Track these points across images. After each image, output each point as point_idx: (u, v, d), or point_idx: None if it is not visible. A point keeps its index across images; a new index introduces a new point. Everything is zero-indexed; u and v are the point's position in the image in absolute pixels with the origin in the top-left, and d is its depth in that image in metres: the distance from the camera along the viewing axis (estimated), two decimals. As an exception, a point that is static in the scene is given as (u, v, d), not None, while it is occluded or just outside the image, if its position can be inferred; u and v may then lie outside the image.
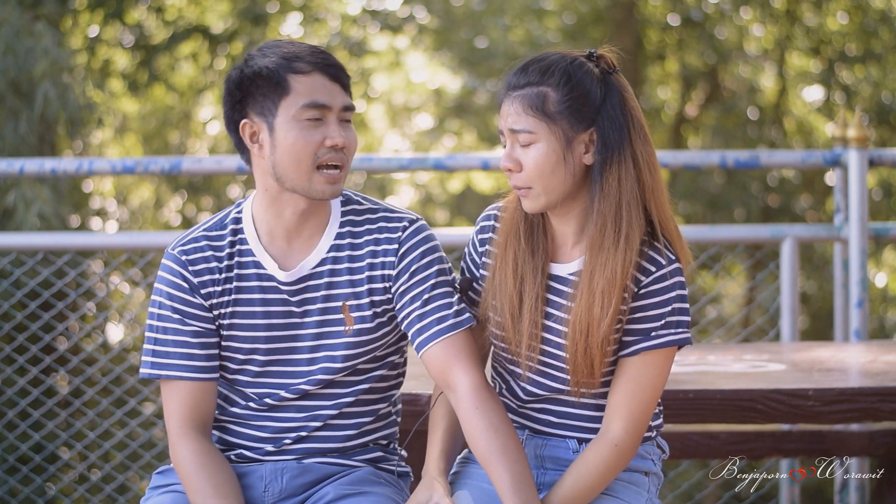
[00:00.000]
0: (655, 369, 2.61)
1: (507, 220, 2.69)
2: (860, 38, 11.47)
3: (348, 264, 2.69)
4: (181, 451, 2.66)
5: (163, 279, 2.71)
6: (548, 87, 2.57)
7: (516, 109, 2.58)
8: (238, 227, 2.72)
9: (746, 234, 5.02)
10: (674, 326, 2.60)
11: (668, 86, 12.74)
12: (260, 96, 2.62)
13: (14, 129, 7.23)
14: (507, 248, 2.67)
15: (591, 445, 2.62)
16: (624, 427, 2.60)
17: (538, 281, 2.63)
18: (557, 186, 2.58)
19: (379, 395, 2.76)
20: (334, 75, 2.63)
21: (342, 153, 2.63)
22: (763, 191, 11.47)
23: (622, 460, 2.61)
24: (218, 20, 10.86)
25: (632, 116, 2.61)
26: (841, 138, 4.81)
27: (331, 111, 2.62)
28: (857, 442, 4.18)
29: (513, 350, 2.66)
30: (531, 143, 2.57)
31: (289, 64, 2.61)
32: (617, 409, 2.61)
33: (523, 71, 2.60)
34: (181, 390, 2.68)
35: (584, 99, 2.57)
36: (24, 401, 5.21)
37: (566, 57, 2.60)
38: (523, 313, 2.63)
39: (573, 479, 2.60)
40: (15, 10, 7.45)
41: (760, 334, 5.57)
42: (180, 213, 10.91)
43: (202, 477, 2.63)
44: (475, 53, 11.61)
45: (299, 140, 2.60)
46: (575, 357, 2.59)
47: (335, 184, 2.63)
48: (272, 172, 2.64)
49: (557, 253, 2.67)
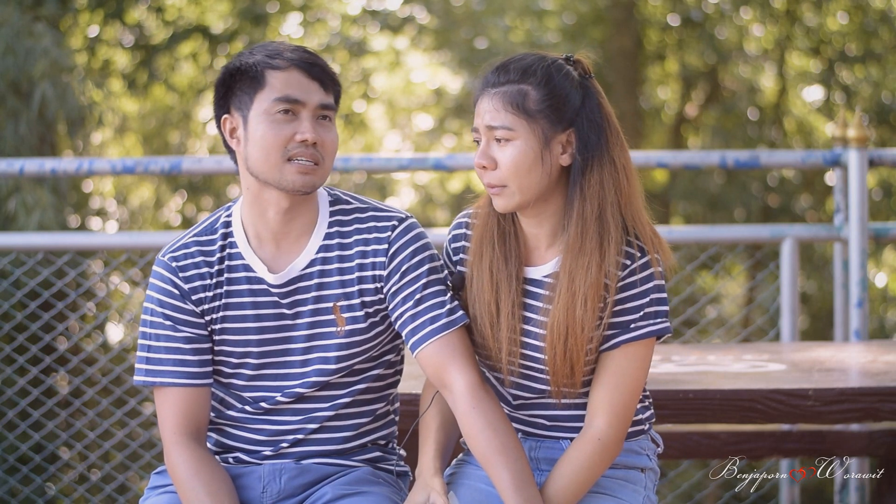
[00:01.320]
0: (636, 361, 2.61)
1: (479, 226, 2.68)
2: (860, 38, 11.47)
3: (338, 265, 2.69)
4: (176, 458, 2.66)
5: (154, 286, 2.71)
6: (528, 86, 2.56)
7: (495, 106, 2.57)
8: (228, 231, 2.71)
9: (746, 234, 5.02)
10: (652, 317, 2.60)
11: (668, 86, 12.74)
12: (239, 91, 2.64)
13: (14, 130, 7.24)
14: (482, 258, 2.66)
15: (575, 442, 2.62)
16: (607, 421, 2.59)
17: (514, 288, 2.63)
18: (533, 186, 2.57)
19: (376, 394, 2.76)
20: (313, 73, 2.63)
21: (315, 150, 2.61)
22: (763, 191, 11.47)
23: (607, 455, 2.60)
24: (218, 20, 10.86)
25: (609, 121, 2.61)
26: (841, 138, 4.81)
27: (304, 107, 2.61)
28: (857, 442, 4.18)
29: (493, 357, 2.65)
30: (509, 141, 2.56)
31: (269, 60, 2.62)
32: (599, 403, 2.60)
33: (503, 69, 2.59)
34: (175, 397, 2.68)
35: (563, 99, 2.57)
36: (24, 401, 5.20)
37: (545, 58, 2.60)
38: (501, 321, 2.62)
39: (558, 477, 2.60)
40: (15, 10, 7.46)
41: (760, 334, 5.57)
42: (180, 213, 10.91)
43: (197, 484, 2.63)
44: (475, 53, 11.60)
45: (269, 133, 2.60)
46: (554, 361, 2.59)
47: (307, 174, 2.61)
48: (247, 166, 2.65)
49: (531, 256, 2.67)
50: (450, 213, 13.43)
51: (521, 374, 2.66)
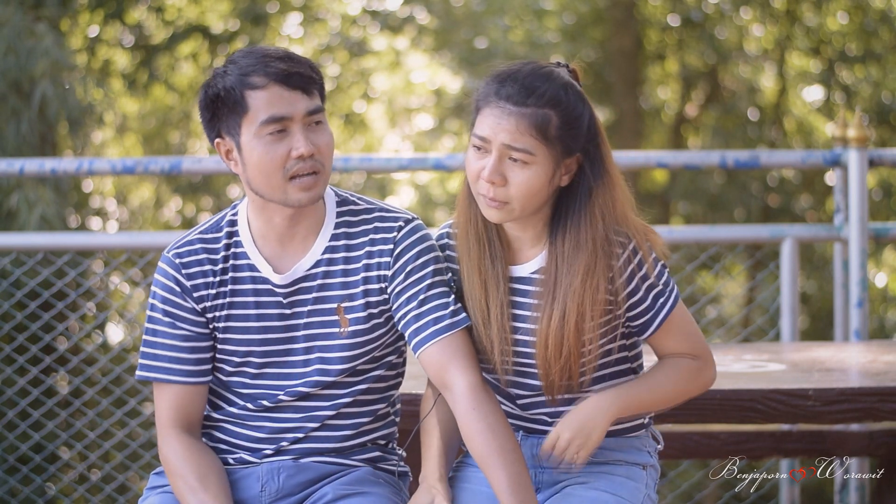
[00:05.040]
0: (683, 318, 2.65)
1: (462, 236, 2.68)
2: (860, 38, 11.47)
3: (343, 266, 2.68)
4: (167, 445, 2.68)
5: (157, 282, 2.71)
6: (552, 111, 2.55)
7: (518, 128, 2.54)
8: (233, 230, 2.71)
9: (746, 234, 5.02)
10: (670, 288, 2.62)
11: (668, 86, 12.74)
12: (224, 116, 2.61)
13: (16, 129, 7.24)
14: (469, 259, 2.66)
15: (666, 360, 2.66)
16: (695, 352, 2.66)
17: (501, 289, 2.64)
18: (534, 205, 2.59)
19: (377, 395, 2.76)
20: (293, 84, 2.59)
21: (314, 161, 2.60)
22: (763, 191, 11.47)
23: (704, 373, 2.64)
24: (218, 20, 10.86)
25: (602, 136, 2.62)
26: (841, 138, 4.81)
27: (293, 121, 2.59)
28: (857, 442, 4.18)
29: (487, 358, 2.66)
30: (526, 164, 2.55)
31: (244, 79, 2.58)
32: (680, 353, 2.66)
33: (528, 90, 2.55)
34: (170, 393, 2.70)
35: (579, 124, 2.57)
36: (24, 401, 5.20)
37: (560, 77, 2.58)
38: (491, 320, 2.63)
39: (651, 377, 2.64)
40: (17, 11, 7.46)
41: (760, 334, 5.56)
42: (180, 214, 10.91)
43: (187, 470, 2.64)
44: (475, 54, 11.60)
45: (265, 156, 2.58)
46: (547, 362, 2.60)
47: (310, 190, 2.60)
48: (250, 187, 2.64)
49: (515, 256, 2.68)
50: (450, 214, 13.43)
51: (516, 371, 2.67)
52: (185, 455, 2.66)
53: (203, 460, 2.66)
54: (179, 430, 2.69)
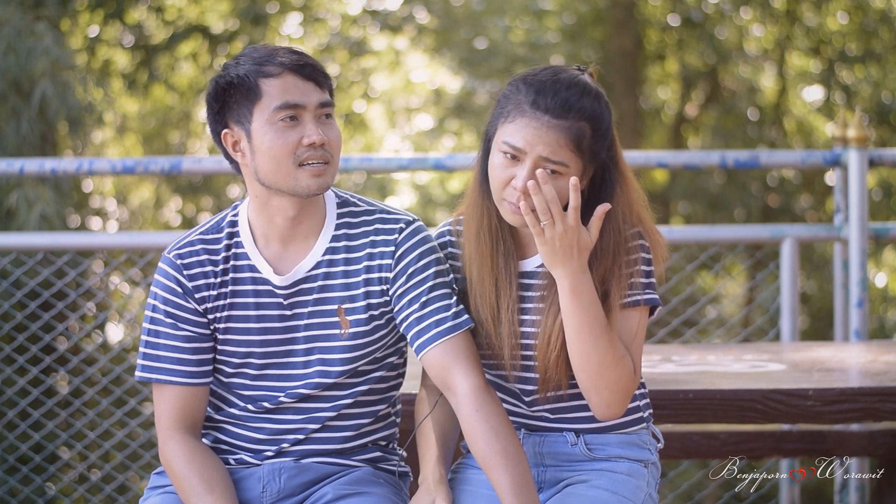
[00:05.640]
0: (635, 322, 2.61)
1: (473, 234, 2.68)
2: (860, 38, 11.46)
3: (344, 267, 2.69)
4: (170, 450, 2.67)
5: (158, 283, 2.71)
6: (587, 124, 2.56)
7: (558, 141, 2.54)
8: (234, 231, 2.71)
9: (746, 234, 5.02)
10: (646, 289, 2.61)
11: (668, 86, 12.73)
12: (235, 105, 2.62)
13: (16, 129, 7.24)
14: (482, 262, 2.66)
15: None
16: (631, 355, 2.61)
17: (513, 284, 2.65)
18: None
19: (378, 396, 2.76)
20: (307, 74, 2.62)
21: (324, 150, 2.61)
22: (763, 191, 11.47)
23: (628, 367, 2.57)
24: (218, 20, 10.86)
25: (616, 140, 2.64)
26: (841, 138, 4.81)
27: (305, 110, 2.61)
28: (857, 442, 4.18)
29: (497, 354, 2.67)
30: (560, 174, 2.55)
31: (259, 69, 2.60)
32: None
33: (567, 104, 2.55)
34: (171, 394, 2.69)
35: (608, 134, 2.60)
36: (24, 401, 5.20)
37: (592, 88, 2.59)
38: (502, 319, 2.64)
39: None
40: (17, 10, 7.46)
41: (760, 334, 5.57)
42: (180, 214, 10.91)
43: (191, 473, 2.64)
44: (475, 54, 11.60)
45: (276, 142, 2.59)
46: (547, 358, 2.61)
47: (320, 176, 2.61)
48: (257, 178, 2.64)
49: (522, 250, 2.69)
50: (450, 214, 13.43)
51: (522, 366, 2.67)
52: (188, 458, 2.65)
53: (207, 463, 2.66)
54: (181, 431, 2.69)
